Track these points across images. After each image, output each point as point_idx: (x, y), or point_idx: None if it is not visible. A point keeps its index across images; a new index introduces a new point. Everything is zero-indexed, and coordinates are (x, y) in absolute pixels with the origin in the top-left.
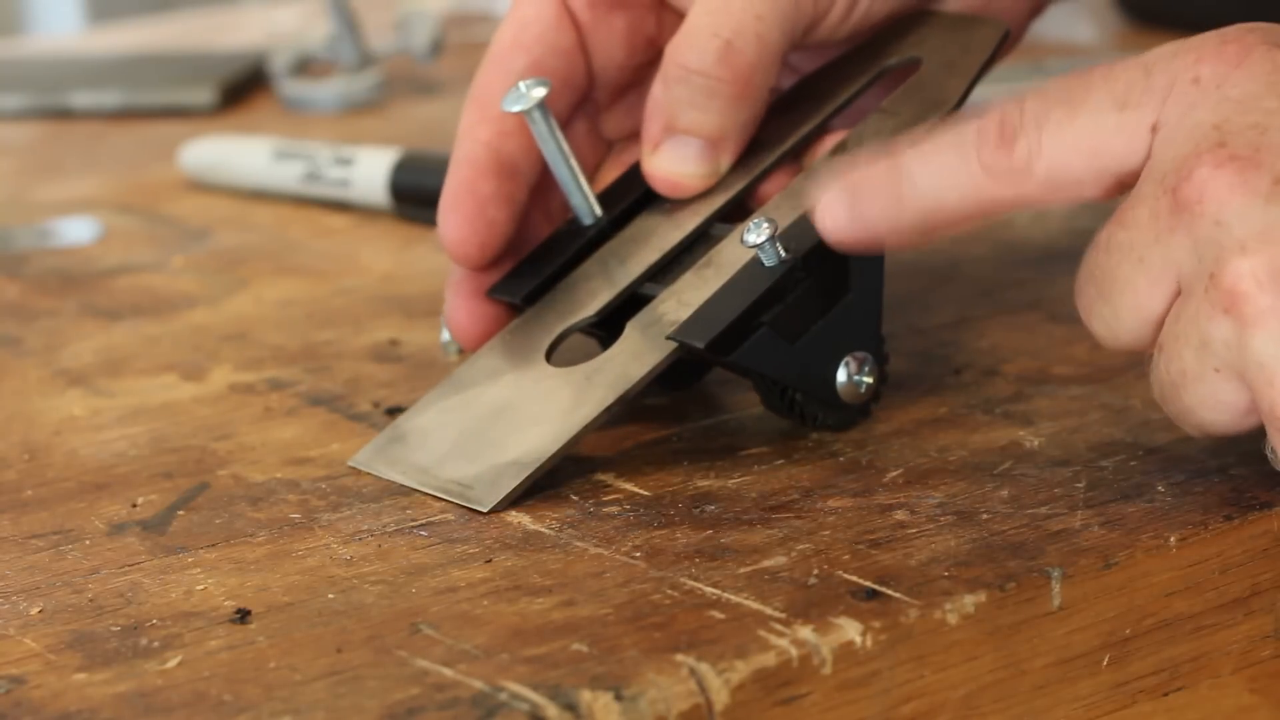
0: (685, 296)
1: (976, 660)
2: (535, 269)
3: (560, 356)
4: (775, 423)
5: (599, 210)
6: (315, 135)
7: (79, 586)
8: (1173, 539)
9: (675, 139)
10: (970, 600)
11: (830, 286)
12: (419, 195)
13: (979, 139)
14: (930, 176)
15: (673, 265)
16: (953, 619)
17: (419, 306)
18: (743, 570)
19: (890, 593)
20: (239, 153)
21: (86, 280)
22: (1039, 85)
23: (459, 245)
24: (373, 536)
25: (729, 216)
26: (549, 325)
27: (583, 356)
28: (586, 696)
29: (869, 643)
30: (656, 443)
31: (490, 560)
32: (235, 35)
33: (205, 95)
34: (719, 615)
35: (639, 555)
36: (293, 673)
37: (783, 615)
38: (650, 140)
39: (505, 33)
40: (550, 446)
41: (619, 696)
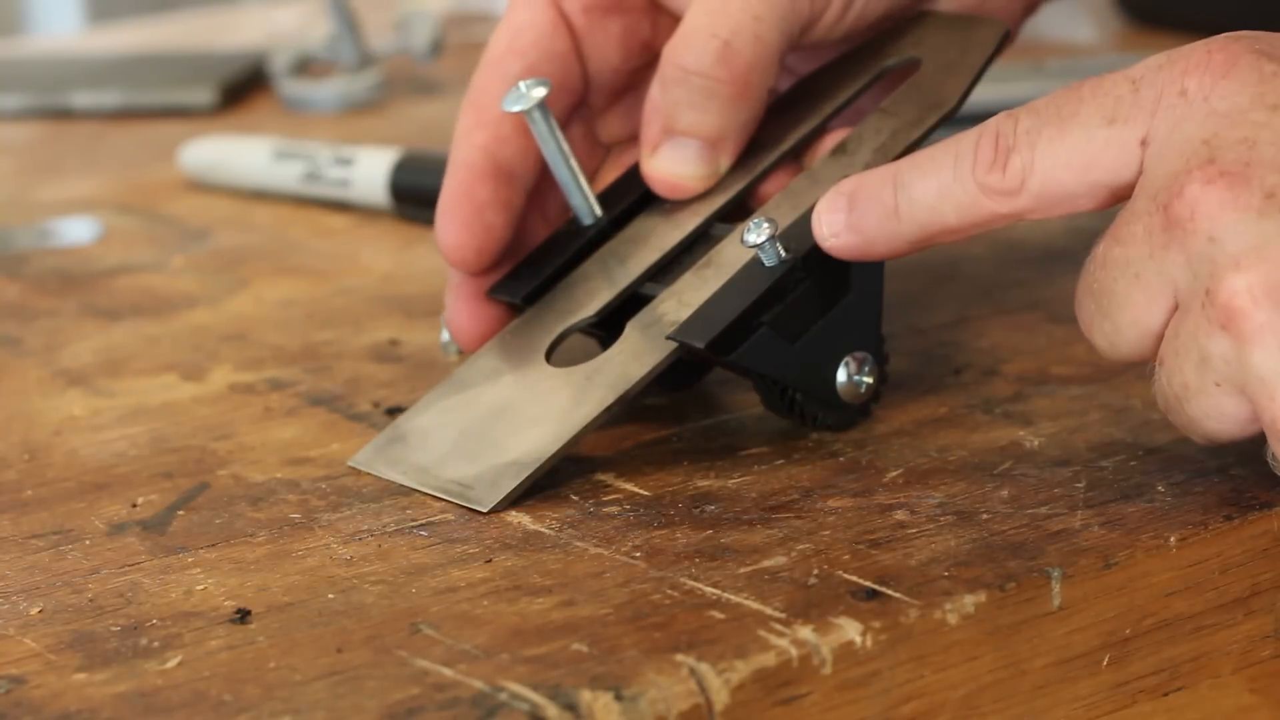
0: (685, 296)
1: (976, 660)
2: (535, 269)
3: (560, 356)
4: (775, 423)
5: (599, 210)
6: (315, 135)
7: (79, 586)
8: (1173, 539)
9: (674, 140)
10: (970, 600)
11: (830, 286)
12: (419, 195)
13: (975, 156)
14: (927, 191)
15: (673, 265)
16: (953, 619)
17: (419, 306)
18: (743, 570)
19: (890, 593)
20: (239, 153)
21: (86, 280)
22: (1033, 100)
23: (456, 250)
24: (373, 536)
25: (729, 216)
26: (549, 325)
27: (583, 356)
28: (586, 696)
29: (869, 643)
30: (656, 443)
31: (490, 560)
32: (235, 35)
33: (205, 95)
34: (719, 615)
35: (639, 555)
36: (293, 673)
37: (783, 615)
38: (649, 142)
39: (500, 38)
40: (550, 446)
41: (619, 696)
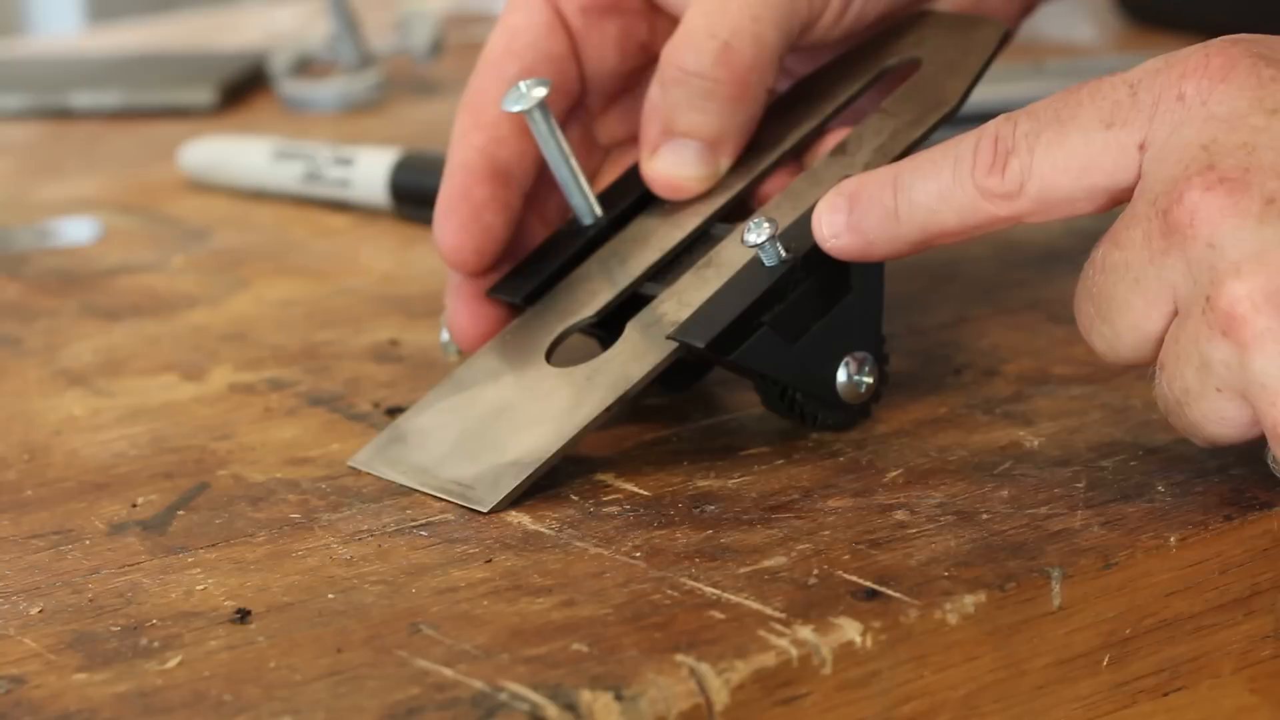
0: (686, 296)
1: (976, 660)
2: (535, 269)
3: (560, 356)
4: (775, 423)
5: (599, 210)
6: (315, 135)
7: (79, 586)
8: (1173, 539)
9: (674, 142)
10: (970, 600)
11: (830, 286)
12: (419, 195)
13: (974, 159)
14: (927, 193)
15: (673, 265)
16: (953, 619)
17: (419, 306)
18: (743, 570)
19: (890, 593)
20: (239, 153)
21: (86, 280)
22: (1032, 102)
23: (455, 252)
24: (373, 536)
25: (729, 216)
26: (549, 325)
27: (583, 356)
28: (586, 696)
29: (869, 643)
30: (656, 443)
31: (490, 560)
32: (235, 35)
33: (205, 95)
34: (719, 615)
35: (639, 555)
36: (293, 673)
37: (783, 615)
38: (649, 143)
39: (497, 40)
40: (550, 446)
41: (619, 696)
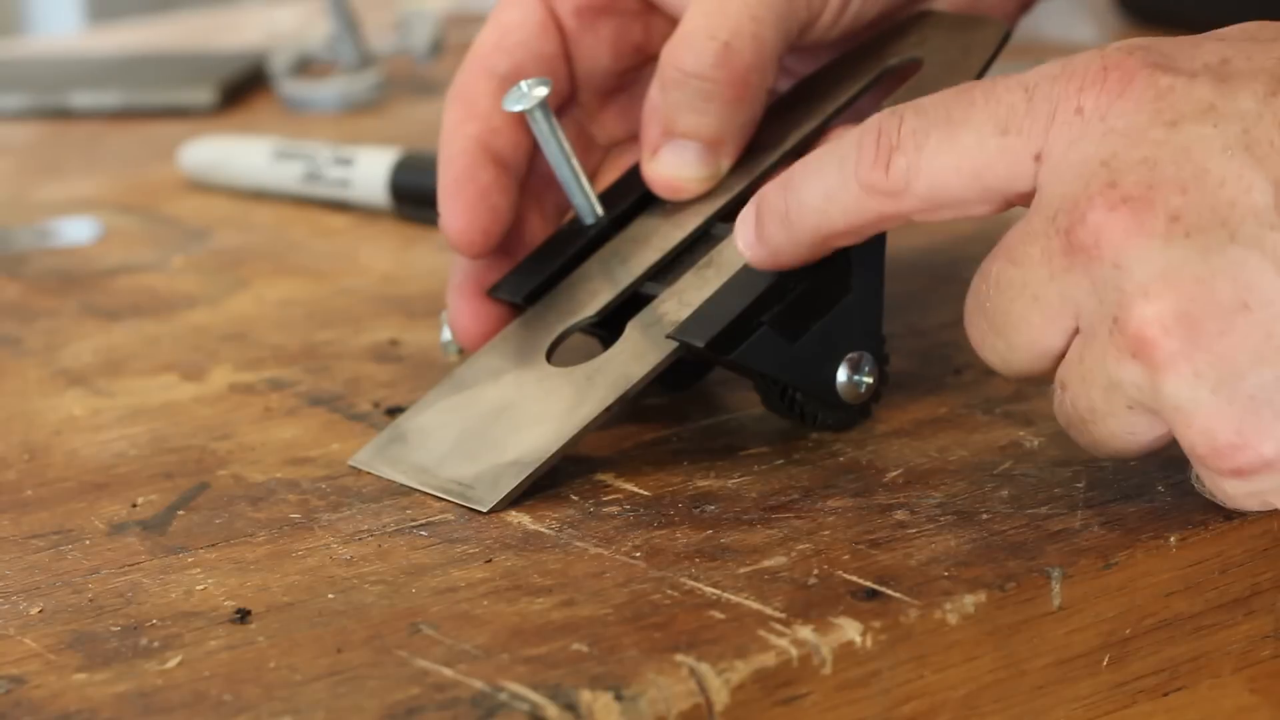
0: (686, 296)
1: (976, 660)
2: (536, 268)
3: (561, 356)
4: (775, 423)
5: (600, 210)
6: (315, 135)
7: (79, 586)
8: (1173, 539)
9: (674, 143)
10: (970, 600)
11: (830, 286)
12: (419, 195)
13: (857, 155)
14: (814, 194)
15: (674, 265)
16: (953, 619)
17: (419, 306)
18: (743, 570)
19: (890, 593)
20: (239, 153)
21: (86, 280)
22: (920, 99)
23: (463, 233)
24: (373, 536)
25: (731, 216)
26: (550, 325)
27: (583, 356)
28: (586, 696)
29: (869, 643)
30: (656, 443)
31: (490, 560)
32: (235, 35)
33: (205, 95)
34: (719, 615)
35: (639, 555)
36: (293, 673)
37: (783, 615)
38: (649, 145)
39: (488, 36)
40: (550, 446)
41: (619, 696)
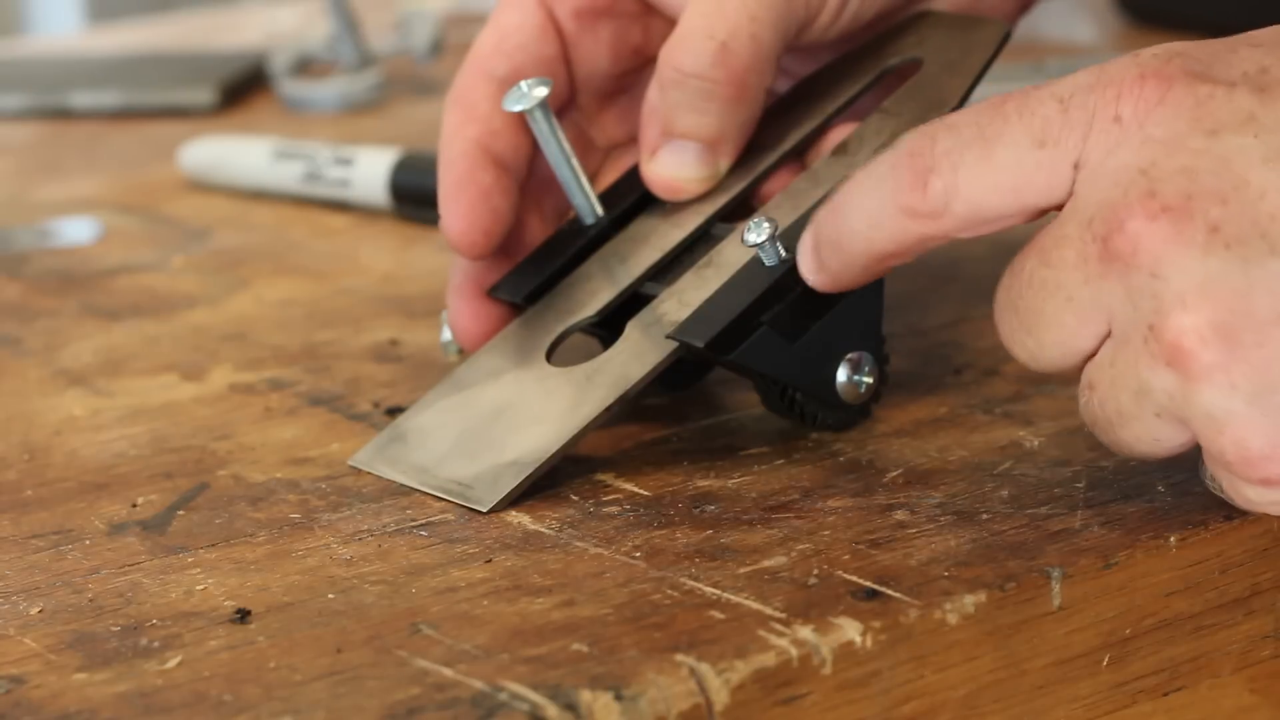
0: (686, 296)
1: (976, 660)
2: (537, 268)
3: (561, 356)
4: (775, 423)
5: (600, 210)
6: (315, 135)
7: (79, 586)
8: (1173, 539)
9: (673, 143)
10: (970, 600)
11: None
12: (419, 195)
13: (893, 179)
14: (860, 219)
15: (674, 265)
16: (953, 619)
17: (419, 306)
18: (743, 570)
19: (890, 593)
20: (239, 153)
21: (86, 280)
22: (950, 115)
23: (464, 234)
24: (373, 536)
25: (731, 216)
26: (550, 325)
27: (583, 356)
28: (586, 696)
29: (869, 643)
30: (656, 443)
31: (490, 560)
32: (235, 35)
33: (205, 95)
34: (719, 615)
35: (639, 555)
36: (293, 673)
37: (783, 615)
38: (648, 145)
39: (487, 39)
40: (550, 446)
41: (619, 696)
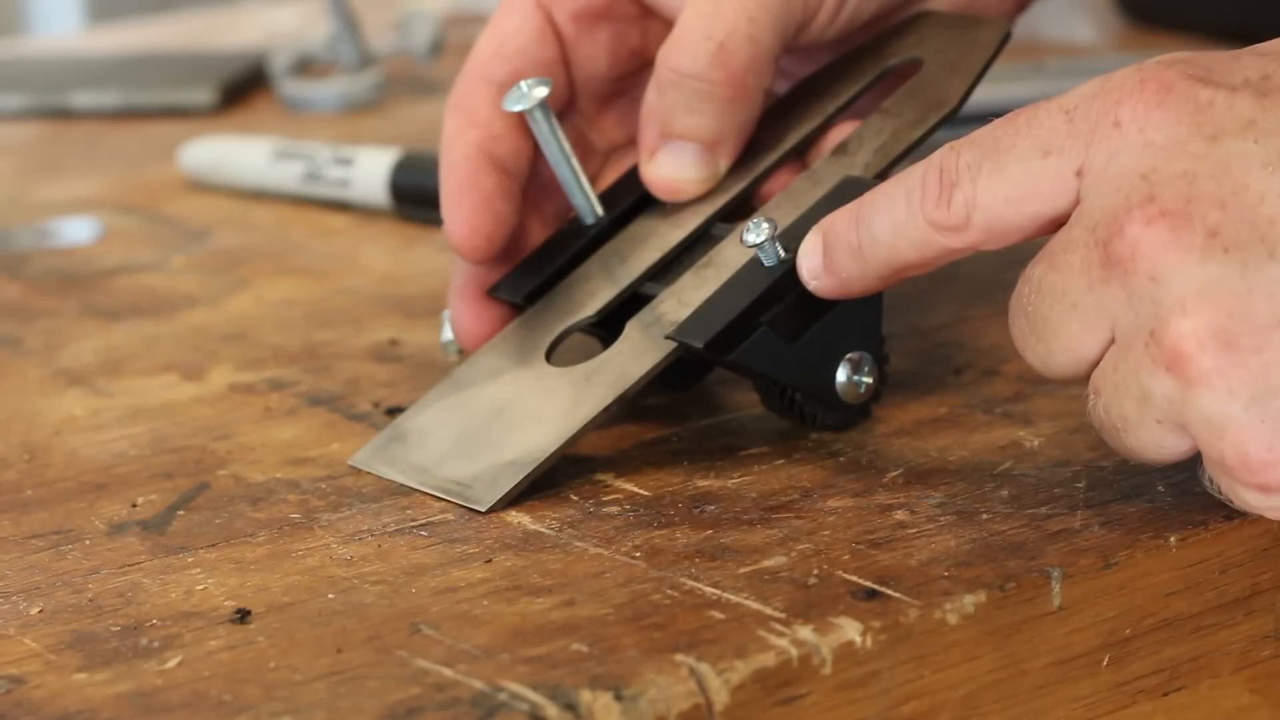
0: (685, 296)
1: (976, 660)
2: (536, 268)
3: (560, 356)
4: (775, 423)
5: (600, 210)
6: (315, 135)
7: (79, 586)
8: (1173, 539)
9: (672, 145)
10: (970, 600)
11: None
12: (419, 195)
13: (922, 192)
14: (884, 229)
15: (673, 265)
16: (953, 619)
17: (419, 306)
18: (743, 570)
19: (890, 593)
20: (239, 153)
21: (86, 280)
22: (976, 131)
23: (467, 239)
24: (373, 536)
25: (731, 216)
26: (549, 325)
27: (583, 356)
28: (586, 696)
29: (869, 643)
30: (656, 443)
31: (490, 560)
32: (235, 35)
33: (205, 95)
34: (719, 615)
35: (639, 555)
36: (293, 673)
37: (783, 615)
38: (647, 147)
39: (486, 44)
40: (549, 446)
41: (619, 696)
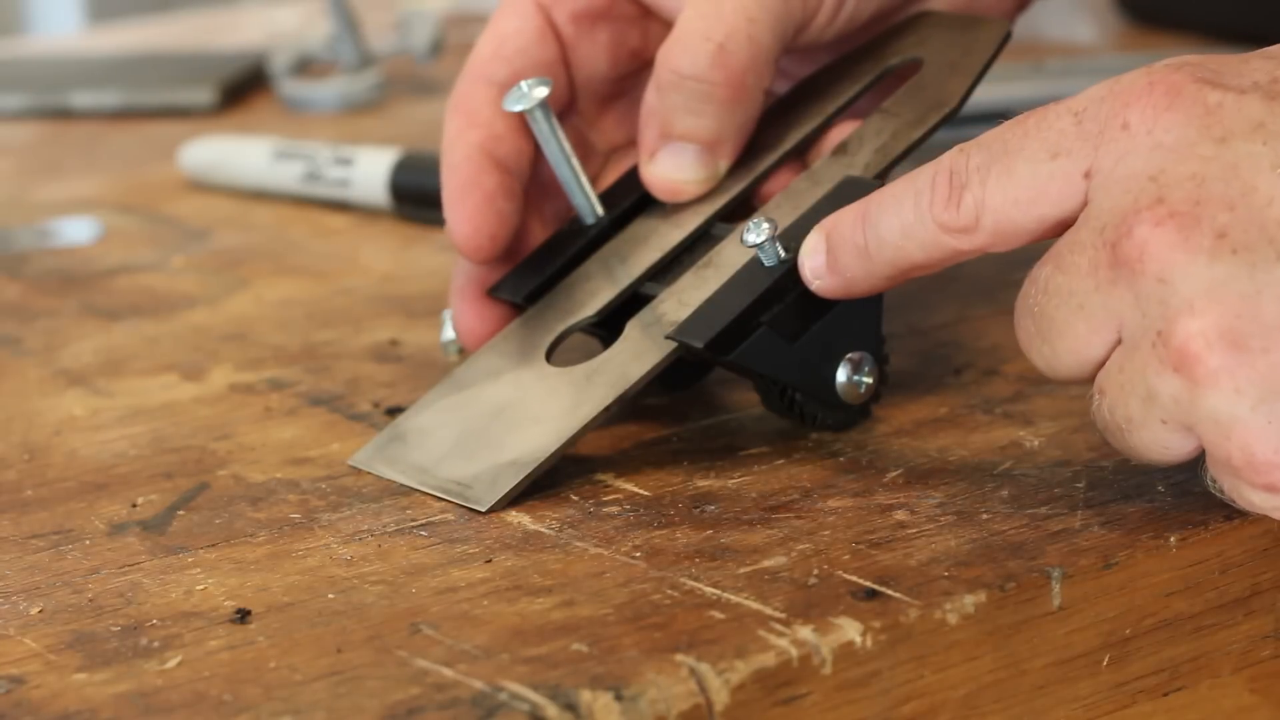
0: (685, 296)
1: (976, 660)
2: (537, 268)
3: (560, 356)
4: (775, 423)
5: (600, 210)
6: (315, 135)
7: (79, 586)
8: (1173, 539)
9: (672, 145)
10: (970, 600)
11: None
12: (419, 195)
13: (932, 193)
14: (892, 229)
15: (673, 265)
16: (953, 619)
17: (419, 306)
18: (743, 570)
19: (890, 593)
20: (239, 153)
21: (86, 280)
22: (985, 133)
23: (470, 238)
24: (373, 536)
25: (731, 216)
26: (549, 325)
27: (583, 356)
28: (586, 696)
29: (869, 643)
30: (656, 443)
31: (490, 560)
32: (235, 35)
33: (205, 95)
34: (719, 615)
35: (639, 555)
36: (293, 673)
37: (783, 615)
38: (647, 148)
39: (486, 44)
40: (549, 446)
41: (619, 696)
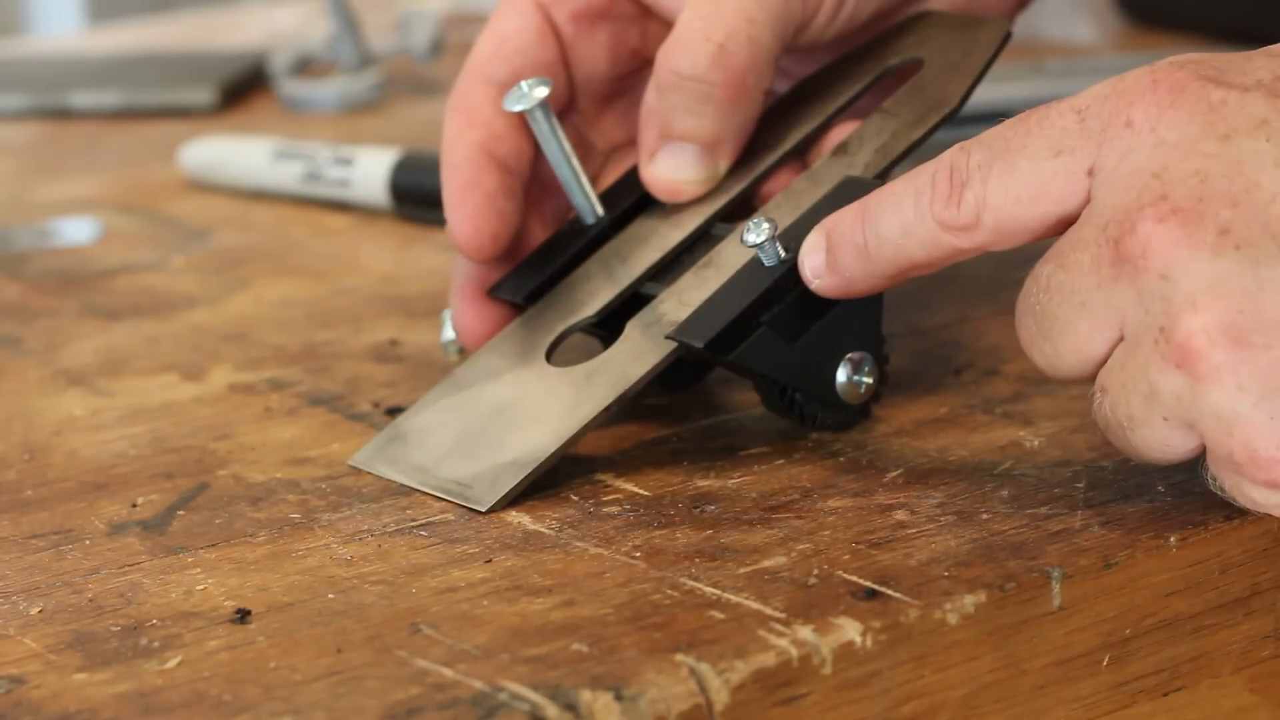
0: (685, 296)
1: (976, 660)
2: (537, 268)
3: (561, 356)
4: (775, 423)
5: (600, 210)
6: (315, 135)
7: (79, 586)
8: (1173, 539)
9: (672, 146)
10: (970, 600)
11: None
12: (419, 195)
13: (932, 191)
14: (892, 228)
15: (674, 265)
16: (953, 619)
17: (419, 306)
18: (743, 570)
19: (890, 593)
20: (239, 153)
21: (86, 280)
22: (985, 131)
23: (471, 238)
24: (373, 536)
25: (732, 216)
26: (550, 325)
27: (583, 356)
28: (586, 696)
29: (869, 643)
30: (656, 443)
31: (490, 560)
32: (235, 35)
33: (205, 95)
34: (719, 615)
35: (639, 555)
36: (293, 673)
37: (783, 615)
38: (646, 148)
39: (486, 44)
40: (549, 446)
41: (619, 696)
